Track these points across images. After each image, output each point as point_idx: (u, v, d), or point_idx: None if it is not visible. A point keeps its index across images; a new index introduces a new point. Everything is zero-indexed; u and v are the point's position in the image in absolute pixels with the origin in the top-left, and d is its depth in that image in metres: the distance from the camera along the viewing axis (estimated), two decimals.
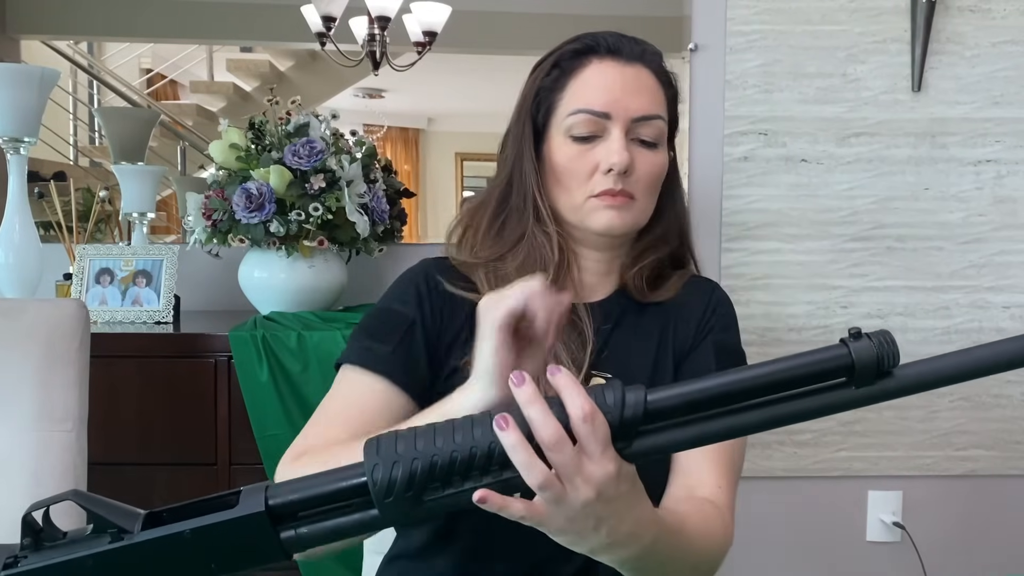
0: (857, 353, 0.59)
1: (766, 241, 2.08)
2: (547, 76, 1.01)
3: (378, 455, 0.59)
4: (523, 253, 1.00)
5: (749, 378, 0.60)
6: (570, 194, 1.00)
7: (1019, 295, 2.09)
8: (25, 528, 0.57)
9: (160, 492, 1.58)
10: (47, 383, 1.17)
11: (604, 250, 1.05)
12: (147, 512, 0.58)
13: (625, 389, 0.61)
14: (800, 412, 0.61)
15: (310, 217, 1.60)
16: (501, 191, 1.04)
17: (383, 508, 0.59)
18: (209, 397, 1.60)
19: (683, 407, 0.60)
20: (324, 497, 0.60)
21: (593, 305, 1.03)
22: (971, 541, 2.15)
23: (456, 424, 0.60)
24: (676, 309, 1.06)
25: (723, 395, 0.60)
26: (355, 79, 2.12)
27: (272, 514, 0.58)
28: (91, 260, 1.83)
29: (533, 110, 1.02)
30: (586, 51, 1.00)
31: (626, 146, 0.97)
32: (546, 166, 1.01)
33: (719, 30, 2.05)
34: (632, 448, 0.61)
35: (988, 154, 2.07)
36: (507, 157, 1.04)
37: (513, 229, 1.02)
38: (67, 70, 2.13)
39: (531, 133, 1.01)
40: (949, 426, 2.11)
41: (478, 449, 0.59)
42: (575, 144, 0.98)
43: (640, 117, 0.98)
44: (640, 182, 0.99)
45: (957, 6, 2.04)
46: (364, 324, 1.01)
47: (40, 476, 1.14)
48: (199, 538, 0.57)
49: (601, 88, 0.98)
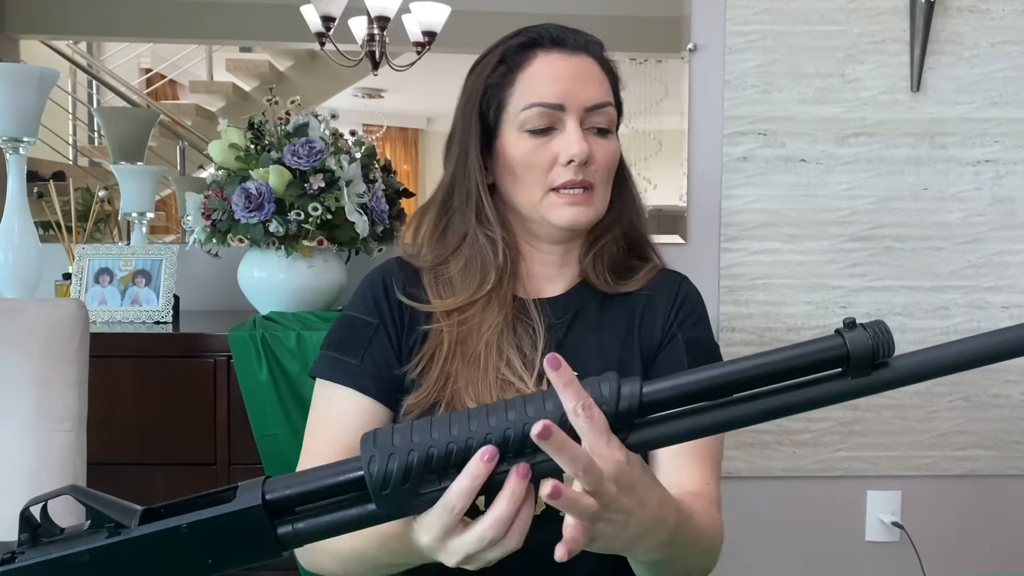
0: (852, 343, 0.59)
1: (765, 241, 2.08)
2: (493, 72, 1.00)
3: (375, 447, 0.59)
4: (464, 255, 1.00)
5: (745, 369, 0.60)
6: (529, 189, 0.99)
7: (1018, 295, 2.10)
8: (23, 523, 0.57)
9: (159, 492, 1.58)
10: (46, 383, 1.17)
11: (561, 243, 1.04)
12: (144, 508, 0.58)
13: (620, 381, 0.60)
14: (796, 403, 0.61)
15: (309, 217, 1.60)
16: (444, 192, 1.03)
17: (380, 501, 0.59)
18: (208, 397, 1.60)
19: (678, 399, 0.60)
20: (321, 491, 0.60)
21: (547, 301, 1.03)
22: (970, 541, 2.15)
23: (452, 416, 0.61)
24: (643, 301, 1.04)
25: (718, 386, 0.60)
26: (354, 79, 2.12)
27: (269, 508, 0.58)
28: (90, 260, 1.83)
29: (482, 108, 1.00)
30: (531, 44, 0.99)
31: (584, 136, 0.97)
32: (500, 163, 1.00)
33: (718, 30, 2.05)
34: (628, 440, 0.61)
35: (987, 154, 2.07)
36: (451, 157, 1.04)
37: (455, 231, 1.01)
38: (66, 70, 2.12)
39: (478, 131, 1.00)
40: (948, 426, 2.11)
41: (474, 441, 0.59)
42: (531, 138, 0.97)
43: (593, 106, 0.98)
44: (599, 171, 0.99)
45: (956, 6, 2.04)
46: (332, 336, 1.02)
47: (39, 476, 1.14)
48: (196, 532, 0.57)
49: (552, 80, 0.97)
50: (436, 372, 0.95)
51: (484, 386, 0.93)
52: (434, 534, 0.62)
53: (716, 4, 2.05)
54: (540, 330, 0.98)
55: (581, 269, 1.05)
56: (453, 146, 1.04)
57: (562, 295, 1.04)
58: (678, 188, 2.09)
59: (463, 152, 1.01)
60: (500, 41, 1.02)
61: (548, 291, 1.04)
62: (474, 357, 0.95)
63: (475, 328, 0.96)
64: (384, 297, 1.01)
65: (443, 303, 0.98)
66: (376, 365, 0.97)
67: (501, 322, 0.97)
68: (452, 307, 0.98)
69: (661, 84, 2.09)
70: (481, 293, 0.98)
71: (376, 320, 0.99)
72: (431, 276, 1.01)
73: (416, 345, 0.98)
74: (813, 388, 0.60)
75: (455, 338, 0.96)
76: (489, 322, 0.96)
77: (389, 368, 0.97)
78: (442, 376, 0.95)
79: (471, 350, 0.95)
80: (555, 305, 1.02)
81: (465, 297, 0.98)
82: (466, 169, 1.01)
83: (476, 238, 1.00)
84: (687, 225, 2.10)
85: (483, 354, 0.95)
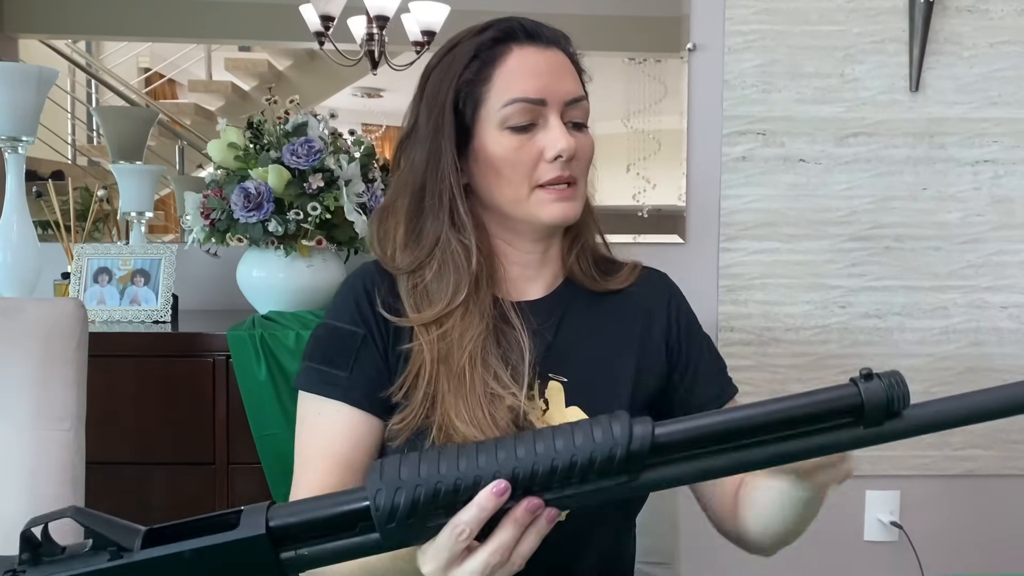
0: (867, 394, 0.60)
1: (764, 241, 2.08)
2: (466, 68, 0.95)
3: (381, 480, 0.59)
4: (437, 261, 0.96)
5: (758, 415, 0.60)
6: (514, 187, 0.95)
7: (1017, 295, 2.10)
8: (24, 543, 0.57)
9: (158, 492, 1.57)
10: (45, 382, 1.17)
11: (542, 240, 1.01)
12: (147, 529, 0.58)
13: (632, 422, 0.60)
14: (806, 450, 0.61)
15: (308, 216, 1.60)
16: (414, 195, 0.97)
17: (385, 533, 0.59)
18: (207, 396, 1.60)
19: (690, 442, 0.60)
20: (326, 521, 0.60)
21: (530, 304, 1.00)
22: (969, 540, 2.15)
23: (460, 450, 0.60)
24: (632, 298, 1.03)
25: (732, 431, 0.60)
26: (353, 78, 2.12)
27: (273, 536, 0.58)
28: (89, 259, 1.83)
29: (457, 105, 0.96)
30: (505, 38, 0.96)
31: (567, 131, 0.95)
32: (477, 162, 0.96)
33: (717, 30, 2.05)
34: (639, 480, 0.61)
35: (986, 154, 2.07)
36: (414, 158, 0.98)
37: (428, 234, 0.97)
38: (65, 69, 2.12)
39: (452, 130, 0.95)
40: None
41: (482, 477, 0.59)
42: (513, 135, 0.94)
43: (572, 100, 0.96)
44: (580, 165, 0.97)
45: (955, 6, 2.04)
46: (315, 347, 0.97)
47: (38, 475, 1.14)
48: (198, 559, 0.57)
49: (531, 75, 0.94)
50: (420, 394, 0.91)
51: (473, 400, 0.90)
52: (438, 563, 0.62)
53: (715, 4, 2.05)
54: (525, 338, 0.94)
55: (566, 267, 1.03)
56: (416, 146, 0.98)
57: (546, 297, 1.02)
58: (677, 188, 2.09)
59: (434, 152, 0.96)
60: (466, 35, 0.98)
61: (530, 293, 1.02)
62: (459, 374, 0.91)
63: (456, 342, 0.92)
64: (368, 305, 0.97)
65: (421, 316, 0.94)
66: (366, 377, 0.94)
67: (483, 331, 0.93)
68: (430, 319, 0.94)
69: (660, 84, 2.09)
70: (456, 302, 0.94)
71: (362, 330, 0.95)
72: (409, 284, 0.97)
73: (400, 361, 0.94)
74: (824, 436, 0.61)
75: (437, 355, 0.92)
76: (470, 333, 0.92)
77: (379, 378, 0.94)
78: (427, 398, 0.91)
79: (455, 366, 0.91)
80: (539, 308, 0.99)
81: (441, 308, 0.93)
82: (439, 170, 0.96)
83: (448, 243, 0.95)
84: (686, 225, 2.10)
85: (467, 369, 0.91)
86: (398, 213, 0.99)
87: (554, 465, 0.59)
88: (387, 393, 0.93)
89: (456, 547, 0.60)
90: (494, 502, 0.59)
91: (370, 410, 0.93)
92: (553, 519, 0.61)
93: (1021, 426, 2.12)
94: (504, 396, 0.90)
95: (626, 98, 2.08)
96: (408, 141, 1.00)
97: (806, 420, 0.60)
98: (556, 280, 1.03)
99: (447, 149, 0.95)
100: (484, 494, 0.58)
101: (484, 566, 0.61)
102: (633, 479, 0.60)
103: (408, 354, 0.94)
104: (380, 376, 0.94)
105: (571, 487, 0.60)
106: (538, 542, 0.63)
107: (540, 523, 0.61)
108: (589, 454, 0.59)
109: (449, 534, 0.60)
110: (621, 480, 0.60)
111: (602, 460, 0.59)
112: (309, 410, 0.96)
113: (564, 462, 0.59)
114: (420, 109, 0.99)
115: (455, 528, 0.60)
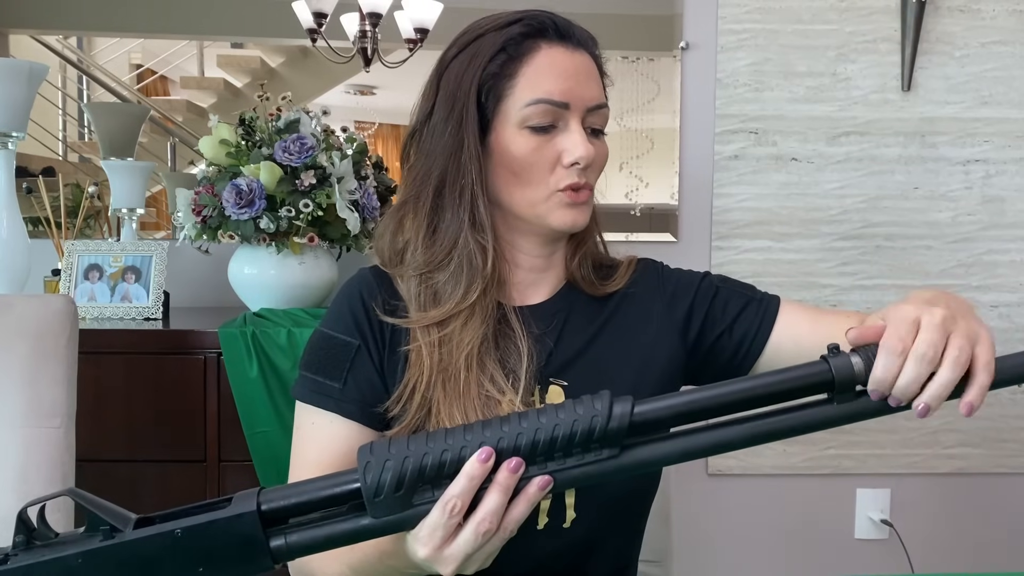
0: (837, 369, 0.62)
1: (756, 239, 2.09)
2: (492, 60, 0.91)
3: (371, 455, 0.61)
4: (453, 263, 0.92)
5: (733, 391, 0.63)
6: (531, 189, 0.92)
7: (1007, 294, 2.11)
8: (19, 526, 0.57)
9: (149, 489, 1.57)
10: (35, 379, 1.16)
11: (548, 244, 0.99)
12: (139, 516, 0.59)
13: (613, 400, 0.62)
14: (784, 428, 0.64)
15: (300, 214, 1.59)
16: (433, 188, 0.93)
17: (374, 508, 0.60)
18: (198, 394, 1.59)
19: (669, 419, 0.62)
20: (316, 502, 0.61)
21: (532, 308, 0.98)
22: (959, 538, 2.16)
23: (447, 430, 0.62)
24: (632, 297, 1.02)
25: (708, 408, 0.63)
26: (346, 76, 2.12)
27: (264, 517, 0.59)
28: (80, 256, 1.82)
29: (480, 97, 0.92)
30: (534, 34, 0.92)
31: (587, 137, 0.92)
32: (493, 159, 0.93)
33: (710, 29, 2.05)
34: (621, 459, 0.62)
35: (977, 154, 2.08)
36: (433, 149, 0.93)
37: (446, 233, 0.93)
38: (56, 65, 2.11)
39: (476, 123, 0.91)
40: (937, 424, 2.12)
41: (468, 449, 0.60)
42: (533, 135, 0.91)
43: (595, 106, 0.93)
44: (594, 172, 0.95)
45: (947, 6, 2.05)
46: (310, 356, 0.95)
47: (28, 473, 1.13)
48: (189, 538, 0.58)
49: (558, 76, 0.91)
50: (416, 402, 0.90)
51: (468, 403, 0.88)
52: (433, 543, 0.62)
53: (708, 3, 2.05)
54: (524, 343, 0.92)
55: (568, 272, 1.01)
56: (434, 137, 0.93)
57: (547, 301, 0.99)
58: (670, 186, 2.09)
59: (457, 144, 0.91)
60: (492, 25, 0.94)
61: (532, 298, 0.99)
62: (454, 375, 0.89)
63: (455, 346, 0.90)
64: (364, 313, 0.94)
65: (425, 316, 0.91)
66: (360, 389, 0.92)
67: (483, 334, 0.91)
68: (433, 320, 0.91)
69: (653, 82, 2.10)
70: (465, 304, 0.91)
71: (357, 340, 0.93)
72: (416, 284, 0.93)
73: (399, 367, 0.92)
74: (801, 413, 0.64)
75: (435, 363, 0.90)
76: (469, 336, 0.90)
77: (373, 390, 0.91)
78: (423, 405, 0.89)
79: (452, 372, 0.89)
80: (541, 312, 0.97)
81: (449, 308, 0.91)
82: (460, 164, 0.91)
83: (467, 243, 0.92)
84: (678, 223, 2.10)
85: (463, 371, 0.89)
86: (417, 209, 0.95)
87: (537, 437, 0.61)
88: (383, 407, 0.91)
89: (449, 523, 0.61)
90: (480, 469, 0.60)
91: (364, 421, 0.91)
92: (544, 487, 0.62)
93: (1011, 425, 2.13)
94: (500, 400, 0.89)
95: (619, 97, 2.08)
96: (422, 132, 0.96)
97: (781, 395, 0.63)
98: (558, 285, 1.01)
99: (470, 142, 0.91)
100: (470, 463, 0.60)
101: (475, 535, 0.62)
102: (614, 455, 0.62)
103: (407, 356, 0.92)
104: (374, 388, 0.92)
105: (555, 461, 0.62)
106: (529, 509, 0.63)
107: (530, 490, 0.62)
108: (571, 425, 0.61)
109: (441, 511, 0.61)
110: (603, 455, 0.62)
111: (583, 431, 0.61)
112: (304, 419, 0.94)
113: (546, 434, 0.61)
114: (437, 99, 0.94)
115: (446, 503, 0.61)
